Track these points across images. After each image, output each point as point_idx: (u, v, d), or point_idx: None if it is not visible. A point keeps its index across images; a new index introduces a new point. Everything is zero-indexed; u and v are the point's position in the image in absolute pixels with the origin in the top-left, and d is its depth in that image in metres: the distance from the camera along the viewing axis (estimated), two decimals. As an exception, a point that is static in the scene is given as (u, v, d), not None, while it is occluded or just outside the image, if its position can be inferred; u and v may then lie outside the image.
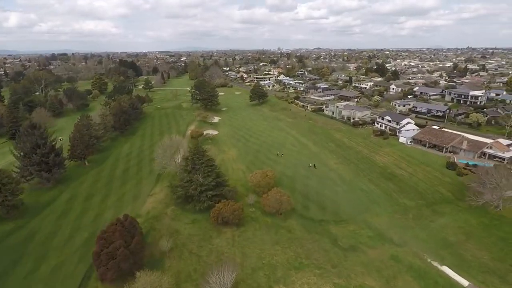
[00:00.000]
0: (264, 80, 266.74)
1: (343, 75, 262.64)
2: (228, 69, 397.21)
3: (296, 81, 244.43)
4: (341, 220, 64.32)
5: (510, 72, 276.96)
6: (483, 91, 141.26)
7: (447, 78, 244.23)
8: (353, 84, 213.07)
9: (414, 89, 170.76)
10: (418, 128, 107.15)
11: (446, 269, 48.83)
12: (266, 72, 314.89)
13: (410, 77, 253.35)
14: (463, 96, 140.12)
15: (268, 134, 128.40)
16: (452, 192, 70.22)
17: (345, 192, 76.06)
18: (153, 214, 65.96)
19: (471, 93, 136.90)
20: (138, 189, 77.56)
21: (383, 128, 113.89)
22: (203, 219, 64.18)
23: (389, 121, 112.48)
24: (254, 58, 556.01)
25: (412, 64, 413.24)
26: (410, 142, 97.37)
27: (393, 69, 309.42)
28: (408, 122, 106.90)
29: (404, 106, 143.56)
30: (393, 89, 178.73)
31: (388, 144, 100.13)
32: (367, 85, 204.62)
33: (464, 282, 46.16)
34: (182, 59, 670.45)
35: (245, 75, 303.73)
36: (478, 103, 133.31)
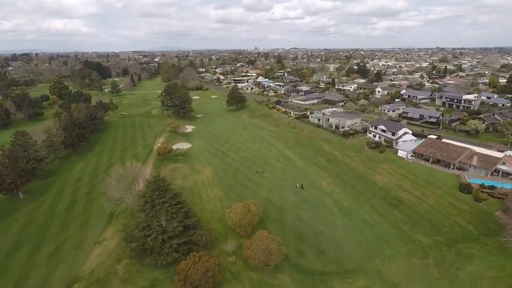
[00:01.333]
0: (242, 82, 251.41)
1: (325, 77, 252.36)
2: (203, 70, 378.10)
3: (276, 83, 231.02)
4: (346, 271, 50.27)
5: (487, 73, 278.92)
6: (476, 95, 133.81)
7: (428, 79, 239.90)
8: (336, 86, 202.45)
9: (401, 92, 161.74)
10: (415, 138, 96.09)
11: None
12: (244, 74, 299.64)
13: (392, 78, 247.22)
14: (455, 100, 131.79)
15: (248, 146, 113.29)
16: (475, 225, 58.26)
17: (345, 226, 62.31)
18: (98, 274, 48.93)
19: (465, 97, 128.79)
20: (84, 234, 59.84)
21: (377, 138, 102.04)
22: (167, 278, 48.14)
23: (383, 130, 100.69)
24: (231, 59, 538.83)
25: (389, 64, 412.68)
26: (411, 156, 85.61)
27: (373, 69, 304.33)
28: (406, 133, 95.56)
29: (393, 111, 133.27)
30: (378, 92, 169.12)
31: (386, 159, 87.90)
32: (351, 87, 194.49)
33: None
34: (156, 59, 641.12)
35: (221, 77, 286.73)
36: (472, 107, 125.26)
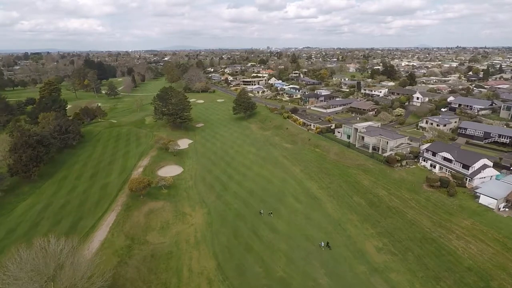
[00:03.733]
0: (252, 84, 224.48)
1: (347, 79, 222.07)
2: (212, 70, 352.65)
3: (291, 86, 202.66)
4: None
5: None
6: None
7: (467, 81, 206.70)
8: (363, 91, 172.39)
9: (449, 99, 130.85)
10: (498, 173, 66.55)
11: None
12: (255, 74, 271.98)
13: (424, 81, 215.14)
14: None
15: (257, 172, 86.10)
16: None
17: None
18: None
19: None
20: None
21: (436, 170, 72.91)
22: None
23: (447, 159, 71.48)
24: (242, 58, 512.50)
25: (414, 64, 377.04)
26: (503, 207, 56.36)
27: (397, 69, 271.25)
28: (485, 166, 66.13)
29: (444, 125, 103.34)
30: (417, 98, 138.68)
31: (461, 208, 58.87)
32: (380, 92, 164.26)
33: None
34: (166, 58, 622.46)
35: (230, 78, 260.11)
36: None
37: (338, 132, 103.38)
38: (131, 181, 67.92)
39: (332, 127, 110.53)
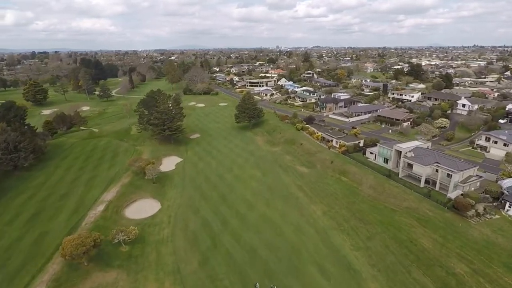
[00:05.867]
0: (260, 86, 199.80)
1: (368, 80, 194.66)
2: (218, 69, 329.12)
3: (304, 88, 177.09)
4: None
5: None
6: None
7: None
8: (391, 95, 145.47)
9: (507, 107, 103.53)
10: None
11: None
12: (263, 74, 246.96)
13: (458, 82, 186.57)
14: None
15: (262, 213, 61.58)
16: None
17: None
18: None
19: None
20: None
21: (541, 226, 46.93)
22: None
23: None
24: (251, 57, 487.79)
25: (437, 63, 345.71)
26: None
27: (425, 69, 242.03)
28: None
29: (514, 144, 76.73)
30: (463, 105, 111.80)
31: None
32: (412, 96, 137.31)
33: None
34: (172, 57, 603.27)
35: (236, 78, 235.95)
36: None
37: (371, 153, 77.76)
38: (64, 244, 43.52)
39: (360, 144, 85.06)
